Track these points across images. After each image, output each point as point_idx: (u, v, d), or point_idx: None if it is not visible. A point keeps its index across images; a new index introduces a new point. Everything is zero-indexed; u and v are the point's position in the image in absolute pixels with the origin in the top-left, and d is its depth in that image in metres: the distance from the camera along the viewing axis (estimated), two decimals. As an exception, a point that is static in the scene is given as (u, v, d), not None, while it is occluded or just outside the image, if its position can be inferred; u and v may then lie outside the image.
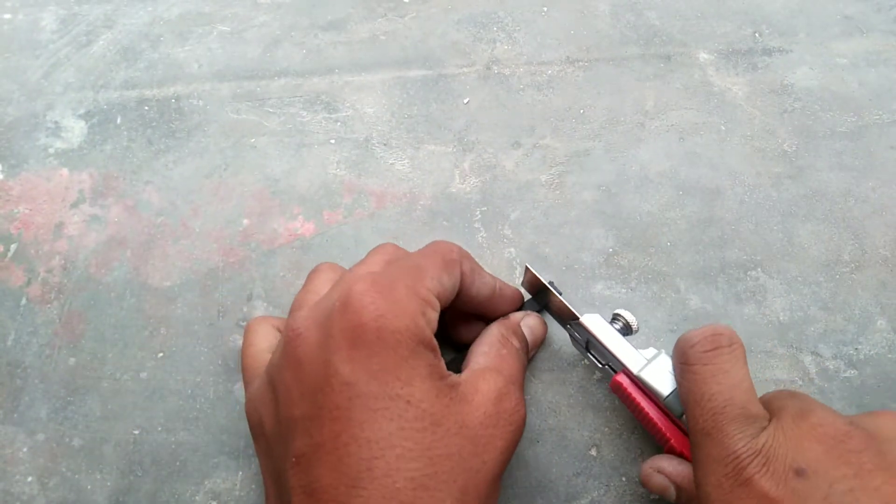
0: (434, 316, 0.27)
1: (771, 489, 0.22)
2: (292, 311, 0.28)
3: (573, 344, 0.33)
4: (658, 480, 0.28)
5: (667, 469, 0.28)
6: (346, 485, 0.23)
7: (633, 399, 0.29)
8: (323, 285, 0.29)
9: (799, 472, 0.22)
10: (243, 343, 0.30)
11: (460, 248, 0.29)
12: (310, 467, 0.24)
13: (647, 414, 0.29)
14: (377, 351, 0.24)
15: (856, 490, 0.21)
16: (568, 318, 0.32)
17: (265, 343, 0.30)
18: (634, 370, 0.29)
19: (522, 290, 0.34)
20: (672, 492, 0.28)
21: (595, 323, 0.30)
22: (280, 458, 0.25)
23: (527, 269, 0.32)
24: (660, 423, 0.28)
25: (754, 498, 0.22)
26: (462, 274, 0.29)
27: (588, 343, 0.31)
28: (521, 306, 0.33)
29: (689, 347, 0.27)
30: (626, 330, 0.31)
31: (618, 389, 0.30)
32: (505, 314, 0.32)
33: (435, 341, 0.26)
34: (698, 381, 0.26)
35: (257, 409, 0.27)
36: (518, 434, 0.26)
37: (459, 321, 0.32)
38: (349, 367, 0.24)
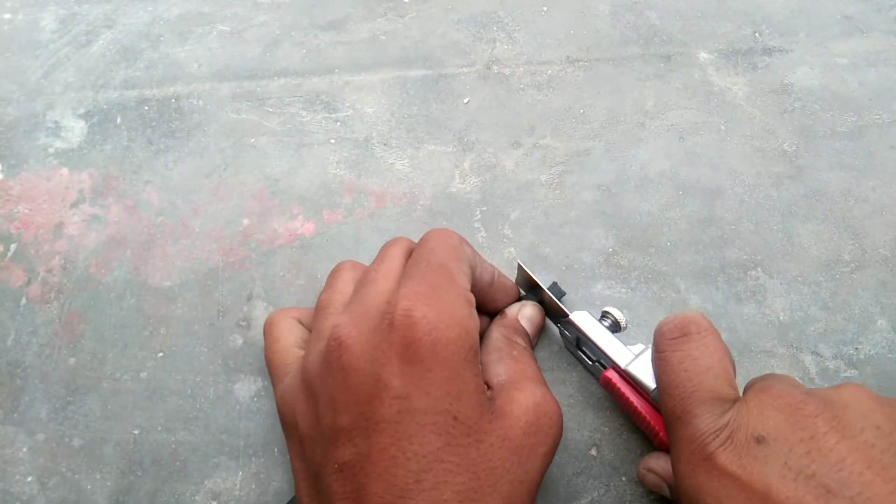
0: (475, 313, 0.27)
1: (732, 461, 0.23)
2: (321, 312, 0.29)
3: (563, 342, 0.33)
4: (651, 479, 0.29)
5: (656, 467, 0.28)
6: (393, 494, 0.23)
7: (623, 394, 0.29)
8: (346, 285, 0.29)
9: (759, 440, 0.23)
10: (267, 339, 0.31)
11: (458, 235, 0.30)
12: (355, 476, 0.24)
13: (637, 408, 0.29)
14: (431, 366, 0.24)
15: (812, 452, 0.22)
16: (558, 316, 0.32)
17: (292, 338, 0.30)
18: (622, 364, 0.29)
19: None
20: (665, 489, 0.28)
21: (584, 320, 0.31)
22: (319, 463, 0.25)
23: (519, 266, 0.32)
24: (648, 417, 0.29)
25: (716, 470, 0.23)
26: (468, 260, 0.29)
27: (578, 340, 0.31)
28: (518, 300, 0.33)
29: (660, 336, 0.27)
30: (615, 327, 0.31)
31: (607, 385, 0.30)
32: (503, 304, 0.32)
33: (479, 342, 0.26)
34: (667, 368, 0.26)
35: (292, 408, 0.27)
36: (558, 436, 0.27)
37: None
38: (400, 381, 0.24)
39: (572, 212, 0.37)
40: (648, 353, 0.29)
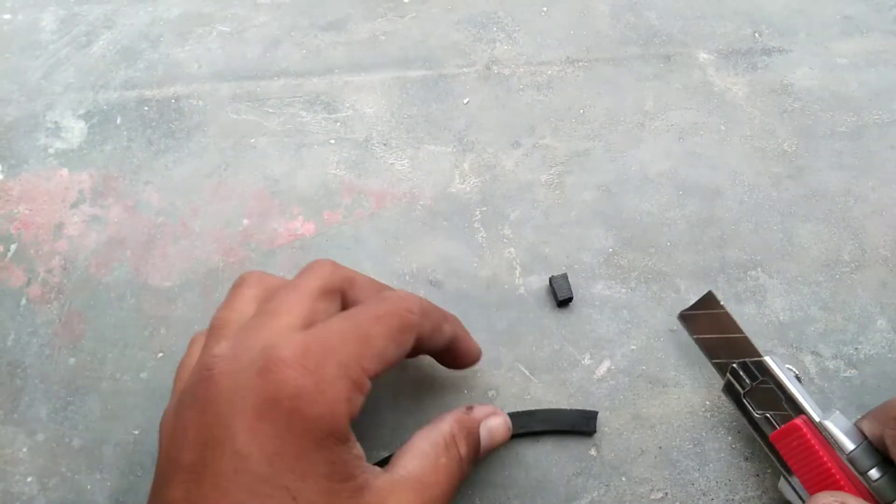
0: (361, 400, 0.24)
1: None
2: (211, 333, 0.26)
3: (725, 388, 0.31)
4: None
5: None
6: None
7: (813, 446, 0.27)
8: (247, 304, 0.26)
9: None
10: (185, 353, 0.28)
11: (423, 306, 0.27)
12: None
13: (827, 465, 0.27)
14: (281, 433, 0.22)
15: None
16: (747, 356, 0.30)
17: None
18: (817, 418, 0.27)
19: None
20: None
21: (776, 365, 0.29)
22: (155, 492, 0.24)
23: (710, 294, 0.30)
24: (838, 475, 0.27)
25: None
26: (419, 337, 0.26)
27: (752, 387, 0.29)
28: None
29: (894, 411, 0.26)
30: (797, 380, 0.29)
31: (792, 433, 0.28)
32: (461, 365, 0.30)
33: (350, 432, 0.24)
34: None
35: (161, 428, 0.26)
36: None
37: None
38: (246, 437, 0.22)
39: (572, 212, 0.37)
40: (837, 414, 0.28)
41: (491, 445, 0.29)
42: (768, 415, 0.29)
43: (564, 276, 0.35)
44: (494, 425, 0.29)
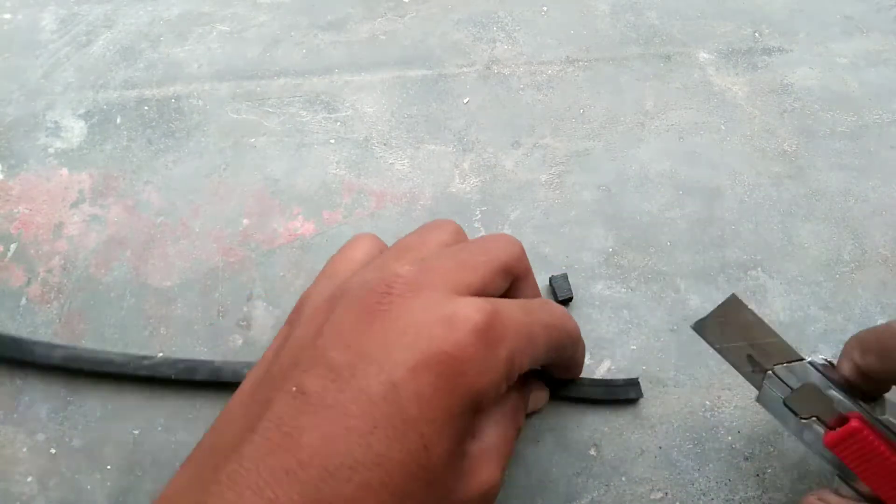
0: (506, 389, 0.24)
1: None
2: (396, 248, 0.26)
3: (761, 397, 0.28)
4: None
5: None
6: (316, 463, 0.20)
7: (877, 447, 0.25)
8: (436, 245, 0.26)
9: None
10: (346, 245, 0.28)
11: (577, 332, 0.27)
12: (301, 410, 0.21)
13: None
14: (441, 386, 0.22)
15: None
16: (783, 361, 0.27)
17: (365, 256, 0.28)
18: (877, 414, 0.25)
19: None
20: None
21: (821, 365, 0.26)
22: (281, 371, 0.23)
23: (734, 297, 0.28)
24: None
25: None
26: (553, 353, 0.27)
27: (793, 392, 0.27)
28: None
29: None
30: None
31: (852, 435, 0.25)
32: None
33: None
34: None
35: (303, 305, 0.26)
36: None
37: None
38: (407, 375, 0.22)
39: (572, 212, 0.37)
40: (887, 400, 0.26)
41: (532, 411, 0.31)
42: (814, 418, 0.27)
43: (564, 276, 0.35)
44: (539, 395, 0.30)
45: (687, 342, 0.34)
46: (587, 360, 0.33)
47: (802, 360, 0.27)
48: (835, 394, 0.26)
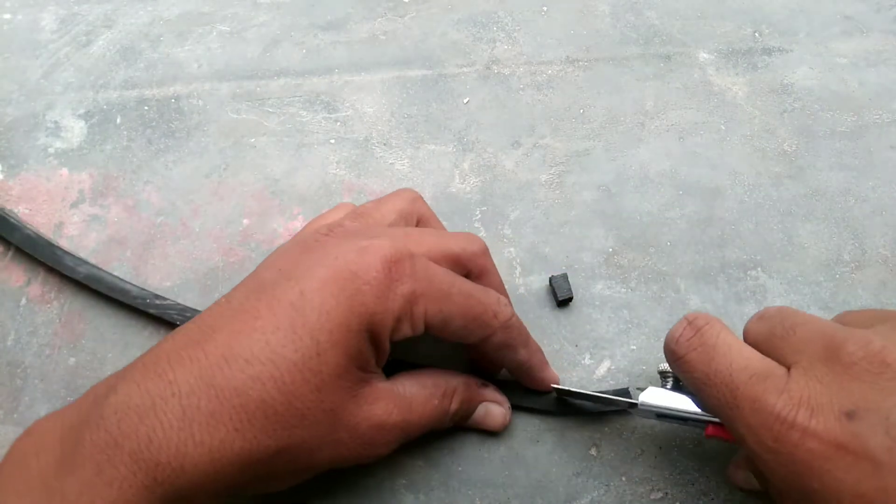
0: (408, 332, 0.26)
1: (831, 432, 0.22)
2: (356, 211, 0.29)
3: (636, 414, 0.31)
4: (741, 476, 0.28)
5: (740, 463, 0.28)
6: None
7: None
8: (391, 214, 0.29)
9: (850, 415, 0.22)
10: (330, 210, 0.32)
11: (511, 320, 0.28)
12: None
13: None
14: (341, 302, 0.24)
15: None
16: (626, 408, 0.30)
17: (332, 218, 0.31)
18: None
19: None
20: (754, 481, 0.27)
21: (657, 396, 0.29)
22: (228, 295, 0.27)
23: (556, 391, 0.31)
24: None
25: (816, 442, 0.22)
26: (485, 340, 0.28)
27: (658, 414, 0.29)
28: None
29: (673, 344, 0.27)
30: (676, 382, 0.29)
31: (716, 436, 0.28)
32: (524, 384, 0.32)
33: (386, 347, 0.26)
34: (697, 366, 0.26)
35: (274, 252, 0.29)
36: (351, 461, 0.26)
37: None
38: (316, 286, 0.24)
39: (572, 212, 0.37)
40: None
41: (480, 424, 0.31)
42: (693, 420, 0.29)
43: (564, 276, 0.35)
44: (494, 411, 0.31)
45: (687, 342, 0.34)
46: (587, 361, 0.34)
47: (636, 405, 0.29)
48: (680, 416, 0.28)
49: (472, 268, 0.29)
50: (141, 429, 0.23)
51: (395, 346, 0.27)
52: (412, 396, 0.28)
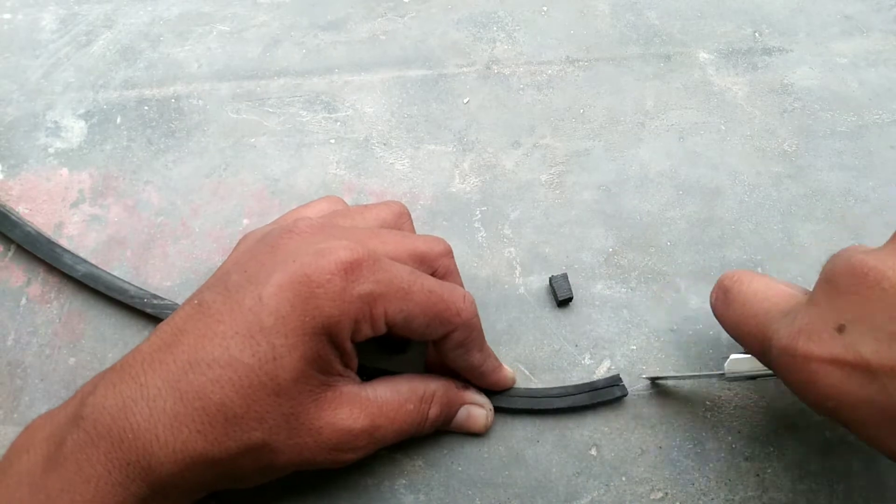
0: (368, 333, 0.26)
1: (821, 349, 0.23)
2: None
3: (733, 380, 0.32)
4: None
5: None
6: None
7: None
8: (351, 219, 0.30)
9: (840, 329, 0.23)
10: (305, 206, 0.33)
11: (471, 321, 0.28)
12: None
13: None
14: (297, 305, 0.25)
15: (894, 315, 0.22)
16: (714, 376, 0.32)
17: (313, 212, 0.32)
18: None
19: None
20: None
21: (740, 363, 0.30)
22: (197, 292, 0.28)
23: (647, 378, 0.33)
24: None
25: (816, 363, 0.23)
26: (445, 338, 0.28)
27: (747, 377, 0.30)
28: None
29: (713, 310, 0.30)
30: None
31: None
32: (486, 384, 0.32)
33: (351, 352, 0.27)
34: (732, 326, 0.28)
35: (238, 245, 0.30)
36: (318, 465, 0.27)
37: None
38: (273, 291, 0.25)
39: (572, 212, 0.37)
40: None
41: (463, 428, 0.31)
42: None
43: (564, 276, 0.35)
44: (476, 413, 0.31)
45: (687, 342, 0.34)
46: (587, 361, 0.34)
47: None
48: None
49: (438, 267, 0.29)
50: (114, 429, 0.24)
51: (381, 356, 0.27)
52: (384, 402, 0.28)
